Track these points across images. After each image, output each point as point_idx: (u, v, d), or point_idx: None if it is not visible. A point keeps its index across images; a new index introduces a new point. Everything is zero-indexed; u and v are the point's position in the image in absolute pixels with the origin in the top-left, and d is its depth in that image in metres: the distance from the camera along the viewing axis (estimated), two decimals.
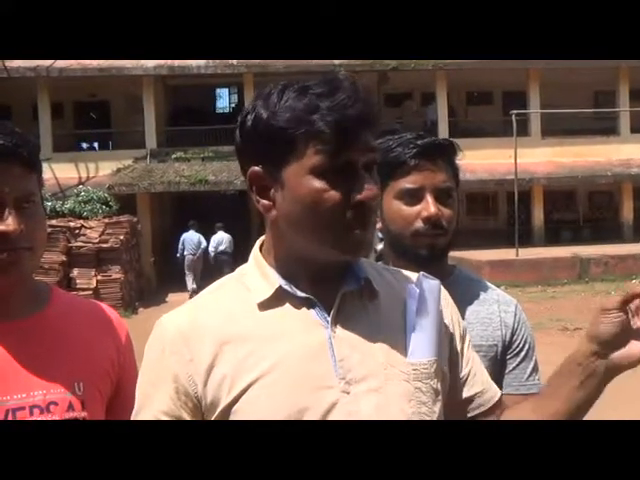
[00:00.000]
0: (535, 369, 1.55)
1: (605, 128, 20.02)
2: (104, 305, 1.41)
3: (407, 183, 1.48)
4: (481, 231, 18.54)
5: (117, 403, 1.32)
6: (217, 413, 1.01)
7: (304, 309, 1.06)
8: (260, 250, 1.12)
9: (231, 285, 1.11)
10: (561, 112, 18.31)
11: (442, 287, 1.15)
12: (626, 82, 19.77)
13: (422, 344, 1.08)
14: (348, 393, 1.02)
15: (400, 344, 1.07)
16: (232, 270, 1.14)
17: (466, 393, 1.15)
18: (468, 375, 1.16)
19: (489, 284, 1.62)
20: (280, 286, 1.06)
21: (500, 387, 1.47)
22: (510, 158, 16.48)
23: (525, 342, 1.55)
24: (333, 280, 1.07)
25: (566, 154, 18.85)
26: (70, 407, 1.21)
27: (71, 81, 17.99)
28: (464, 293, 1.53)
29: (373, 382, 1.03)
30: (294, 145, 0.99)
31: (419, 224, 1.48)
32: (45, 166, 1.35)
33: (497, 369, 1.50)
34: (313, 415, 0.99)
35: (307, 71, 15.69)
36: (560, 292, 13.62)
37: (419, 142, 1.49)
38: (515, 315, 1.56)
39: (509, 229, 18.05)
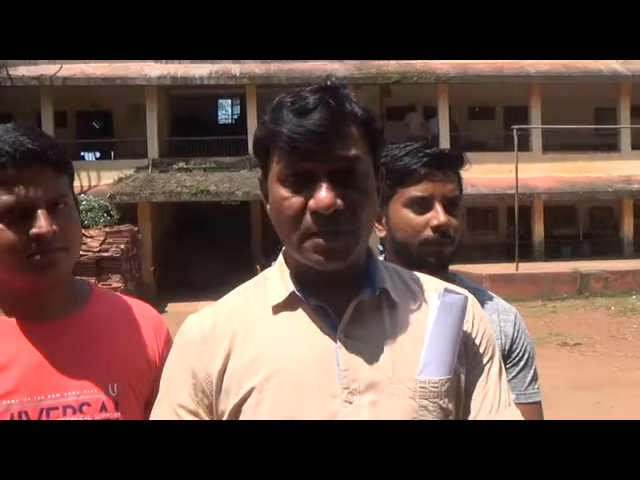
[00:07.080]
0: (535, 378, 1.54)
1: (606, 144, 20.03)
2: (144, 304, 1.41)
3: (417, 191, 1.49)
4: (481, 245, 18.51)
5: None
6: (226, 415, 1.04)
7: (315, 316, 1.06)
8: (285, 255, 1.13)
9: (254, 288, 1.13)
10: (562, 128, 18.31)
11: (475, 302, 1.13)
12: (627, 99, 19.79)
13: (437, 361, 1.04)
14: (350, 403, 1.01)
15: (413, 358, 1.05)
16: None
17: (471, 416, 1.08)
18: (478, 397, 1.09)
19: (490, 293, 1.61)
20: (293, 291, 1.06)
21: None
22: (511, 173, 16.48)
23: (525, 351, 1.54)
24: (349, 288, 1.06)
25: (567, 170, 18.84)
26: (103, 408, 1.23)
27: (74, 90, 18.03)
28: None
29: (377, 395, 1.02)
30: (268, 154, 1.04)
31: (428, 232, 1.48)
32: None
33: None
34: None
35: (308, 83, 15.71)
36: (560, 307, 13.59)
37: (429, 151, 1.50)
38: (515, 324, 1.55)
39: (509, 243, 18.02)
